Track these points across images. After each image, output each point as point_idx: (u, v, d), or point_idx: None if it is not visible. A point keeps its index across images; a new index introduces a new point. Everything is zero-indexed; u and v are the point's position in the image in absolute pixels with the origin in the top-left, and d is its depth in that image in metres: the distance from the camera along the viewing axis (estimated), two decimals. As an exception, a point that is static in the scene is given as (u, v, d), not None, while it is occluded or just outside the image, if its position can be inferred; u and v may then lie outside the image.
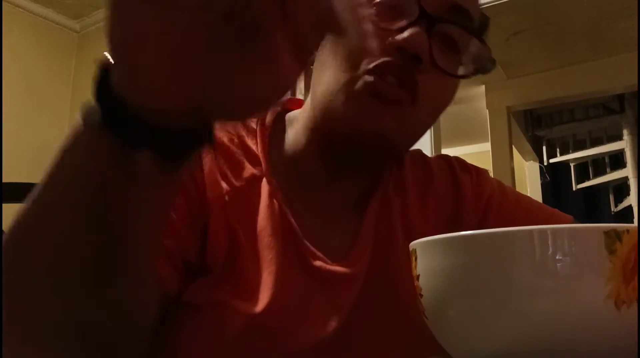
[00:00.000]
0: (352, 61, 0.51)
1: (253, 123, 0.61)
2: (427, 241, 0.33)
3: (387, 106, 0.51)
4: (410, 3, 0.50)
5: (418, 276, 0.34)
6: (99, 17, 3.35)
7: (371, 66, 0.50)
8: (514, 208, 0.65)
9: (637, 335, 0.28)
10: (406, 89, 0.51)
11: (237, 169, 0.56)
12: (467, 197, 0.64)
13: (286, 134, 0.62)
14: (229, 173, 0.55)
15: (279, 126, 0.62)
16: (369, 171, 0.61)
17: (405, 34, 0.49)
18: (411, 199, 0.63)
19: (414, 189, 0.64)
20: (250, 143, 0.59)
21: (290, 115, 0.64)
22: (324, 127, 0.55)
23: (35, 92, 3.22)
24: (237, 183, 0.55)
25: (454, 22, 0.52)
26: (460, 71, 0.55)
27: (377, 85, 0.50)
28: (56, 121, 3.33)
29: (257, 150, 0.58)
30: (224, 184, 0.54)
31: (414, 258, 0.35)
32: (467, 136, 5.05)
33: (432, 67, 0.51)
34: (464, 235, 0.31)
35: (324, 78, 0.54)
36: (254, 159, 0.58)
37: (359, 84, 0.50)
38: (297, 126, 0.60)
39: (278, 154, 0.60)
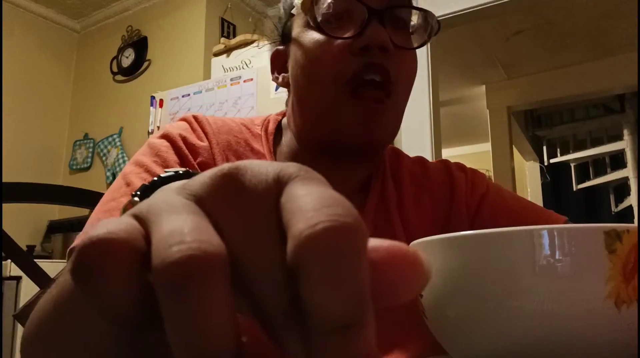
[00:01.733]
0: (332, 77, 0.57)
1: (257, 129, 0.67)
2: (427, 241, 0.33)
3: (373, 120, 0.57)
4: (355, 8, 0.56)
5: (418, 276, 0.34)
6: (99, 17, 3.35)
7: (348, 78, 0.56)
8: (509, 208, 0.67)
9: (637, 335, 0.28)
10: (380, 91, 0.57)
11: None
12: (460, 192, 0.67)
13: (283, 138, 0.68)
14: None
15: (279, 132, 0.69)
16: (365, 162, 0.65)
17: (366, 34, 0.55)
18: (406, 192, 0.67)
19: (409, 184, 0.68)
20: (256, 144, 0.65)
21: (283, 122, 0.71)
22: (315, 137, 0.61)
23: (36, 91, 3.22)
24: None
25: (396, 6, 0.58)
26: (416, 40, 0.61)
27: (360, 106, 0.56)
28: (57, 120, 3.33)
29: (264, 150, 0.64)
30: None
31: (413, 258, 0.35)
32: (467, 136, 5.05)
33: (396, 50, 0.57)
34: (464, 235, 0.31)
35: (304, 95, 0.61)
36: (260, 157, 0.62)
37: (341, 97, 0.56)
38: (289, 133, 0.66)
39: (279, 156, 0.66)
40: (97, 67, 3.29)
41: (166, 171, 0.31)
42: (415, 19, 0.61)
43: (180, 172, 0.32)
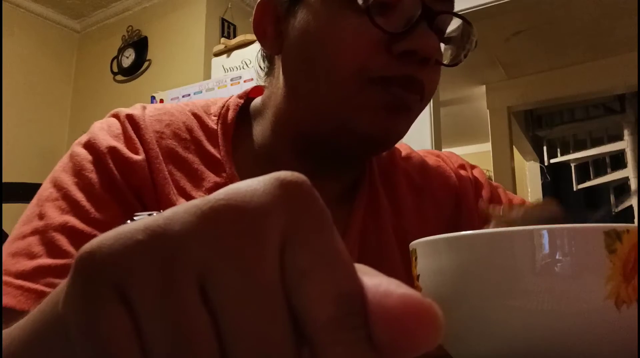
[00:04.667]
0: (353, 67, 0.47)
1: (212, 122, 0.54)
2: (427, 241, 0.33)
3: (399, 114, 0.49)
4: (409, 1, 0.47)
5: (418, 276, 0.34)
6: (100, 17, 3.35)
7: (384, 77, 0.47)
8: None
9: (637, 335, 0.28)
10: (415, 93, 0.49)
11: (197, 180, 0.51)
12: (468, 201, 0.62)
13: (253, 129, 0.56)
14: (187, 187, 0.50)
15: (244, 121, 0.56)
16: (352, 167, 0.58)
17: (417, 37, 0.46)
18: (402, 198, 0.60)
19: (406, 187, 0.61)
20: (210, 146, 0.53)
21: (254, 106, 0.58)
22: (312, 131, 0.52)
23: (36, 91, 3.22)
24: (198, 196, 0.48)
25: (449, 12, 0.50)
26: (449, 56, 0.54)
27: (389, 94, 0.48)
28: (57, 120, 3.33)
29: (220, 154, 0.52)
30: (182, 202, 0.46)
31: (414, 258, 0.35)
32: (467, 136, 5.05)
33: (434, 64, 0.49)
34: (464, 235, 0.31)
35: (313, 82, 0.50)
36: (216, 166, 0.52)
37: (368, 94, 0.47)
38: (265, 120, 0.55)
39: (245, 154, 0.54)
40: (97, 67, 3.29)
41: (136, 216, 0.25)
42: (453, 30, 0.53)
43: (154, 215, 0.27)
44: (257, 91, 0.60)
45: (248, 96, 0.59)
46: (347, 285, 0.16)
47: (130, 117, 0.51)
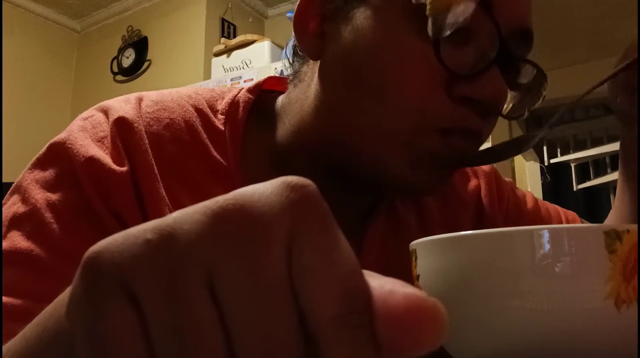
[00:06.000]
0: (408, 107, 0.40)
1: (219, 122, 0.47)
2: (427, 241, 0.33)
3: (459, 166, 0.44)
4: (485, 34, 0.40)
5: (418, 276, 0.34)
6: (100, 17, 3.35)
7: (436, 124, 0.40)
8: (534, 209, 0.63)
9: (637, 335, 0.28)
10: (472, 145, 0.43)
11: (201, 195, 0.40)
12: (492, 196, 0.59)
13: (267, 133, 0.49)
14: (187, 202, 0.38)
15: (256, 120, 0.49)
16: (374, 194, 0.52)
17: (485, 83, 0.39)
18: (428, 210, 0.55)
19: (434, 199, 0.56)
20: (216, 153, 0.45)
21: (278, 106, 0.50)
22: (339, 158, 0.45)
23: (36, 92, 3.22)
24: None
25: (526, 61, 0.44)
26: (513, 105, 0.46)
27: (444, 152, 0.41)
28: (57, 120, 3.33)
29: (227, 161, 0.45)
30: None
31: (414, 258, 0.35)
32: (468, 136, 5.05)
33: (496, 114, 0.43)
34: (464, 235, 0.31)
35: (356, 103, 0.42)
36: (223, 178, 0.45)
37: (420, 147, 0.41)
38: (284, 126, 0.48)
39: (256, 162, 0.48)
40: (97, 68, 3.29)
41: None
42: (522, 77, 0.46)
43: None
44: (270, 82, 0.52)
45: (261, 89, 0.51)
46: (352, 282, 0.16)
47: (121, 121, 0.42)
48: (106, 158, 0.41)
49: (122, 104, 0.45)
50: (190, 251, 0.15)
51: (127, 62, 3.12)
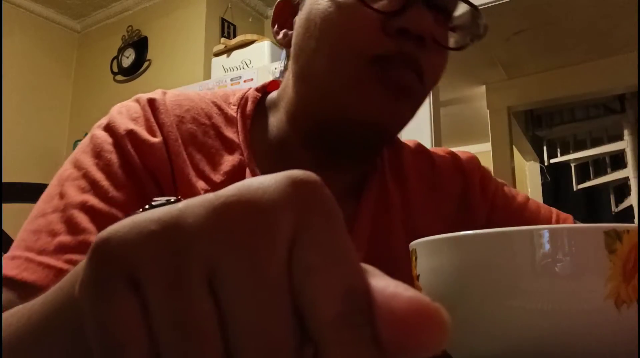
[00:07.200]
0: (352, 49, 0.48)
1: (232, 111, 0.56)
2: (427, 241, 0.33)
3: (400, 94, 0.49)
4: None
5: (418, 276, 0.34)
6: (100, 17, 3.35)
7: (380, 56, 0.48)
8: (521, 207, 0.64)
9: (637, 335, 0.28)
10: (413, 73, 0.49)
11: (215, 163, 0.52)
12: (474, 190, 0.63)
13: (268, 120, 0.58)
14: (206, 169, 0.52)
15: (260, 113, 0.58)
16: (362, 158, 0.58)
17: (409, 15, 0.47)
18: (413, 193, 0.60)
19: (417, 182, 0.61)
20: (229, 132, 0.54)
21: (270, 98, 0.60)
22: (319, 117, 0.53)
23: (36, 92, 3.22)
24: (216, 179, 0.51)
25: None
26: (455, 40, 0.53)
27: (387, 75, 0.48)
28: (57, 121, 3.33)
29: (238, 139, 0.54)
30: (201, 184, 0.50)
31: (414, 258, 0.35)
32: (467, 136, 5.05)
33: (433, 44, 0.49)
34: (464, 235, 0.31)
35: (315, 66, 0.51)
36: (233, 150, 0.53)
37: (366, 75, 0.48)
38: (279, 112, 0.57)
39: (261, 142, 0.56)
40: (97, 67, 3.29)
41: (154, 201, 0.27)
42: (461, 14, 0.53)
43: (172, 200, 0.28)
44: (274, 85, 0.61)
45: (266, 90, 0.61)
46: (353, 282, 0.16)
47: (150, 101, 0.53)
48: (142, 131, 0.50)
49: (150, 94, 0.55)
50: (191, 246, 0.16)
51: (127, 62, 3.12)
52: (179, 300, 0.15)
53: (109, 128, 0.51)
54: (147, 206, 0.24)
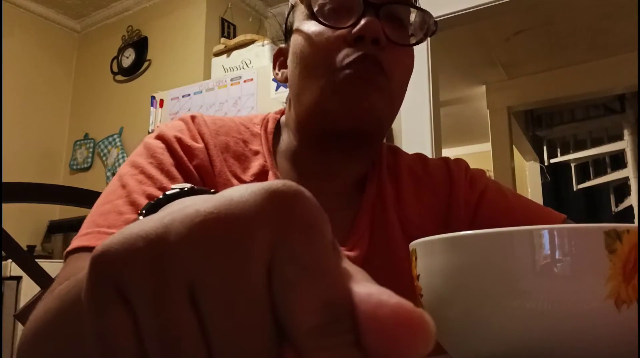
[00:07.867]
0: (325, 65, 0.58)
1: (256, 129, 0.68)
2: (427, 241, 0.33)
3: (368, 87, 0.57)
4: (352, 1, 0.58)
5: (418, 276, 0.34)
6: (100, 17, 3.35)
7: (345, 62, 0.57)
8: (510, 206, 0.66)
9: (637, 335, 0.28)
10: (376, 67, 0.58)
11: (245, 166, 0.63)
12: (459, 190, 0.67)
13: (282, 137, 0.69)
14: (238, 171, 0.62)
15: (278, 130, 0.70)
16: (361, 155, 0.65)
17: (360, 24, 0.57)
18: (405, 188, 0.67)
19: (408, 180, 0.68)
20: (254, 144, 0.65)
21: (282, 120, 0.72)
22: (313, 127, 0.62)
23: (36, 91, 3.22)
24: (247, 178, 0.61)
25: (393, 2, 0.60)
26: (413, 40, 0.63)
27: (355, 72, 0.57)
28: (57, 120, 3.33)
29: (262, 149, 0.65)
30: (235, 181, 0.60)
31: (414, 258, 0.35)
32: (467, 136, 5.04)
33: (389, 43, 0.58)
34: (464, 235, 0.31)
35: (302, 86, 0.61)
36: (259, 157, 0.64)
37: (340, 78, 0.57)
38: (288, 128, 0.68)
39: (279, 152, 0.67)
40: (97, 67, 3.29)
41: (172, 188, 0.30)
42: (413, 18, 0.63)
43: (185, 189, 0.31)
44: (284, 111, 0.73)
45: (282, 114, 0.72)
46: (332, 294, 0.17)
47: (192, 117, 0.64)
48: (187, 139, 0.61)
49: (189, 114, 0.66)
50: (174, 261, 0.17)
51: (127, 62, 3.12)
52: (162, 312, 0.16)
53: (160, 137, 0.60)
54: (163, 194, 0.29)
